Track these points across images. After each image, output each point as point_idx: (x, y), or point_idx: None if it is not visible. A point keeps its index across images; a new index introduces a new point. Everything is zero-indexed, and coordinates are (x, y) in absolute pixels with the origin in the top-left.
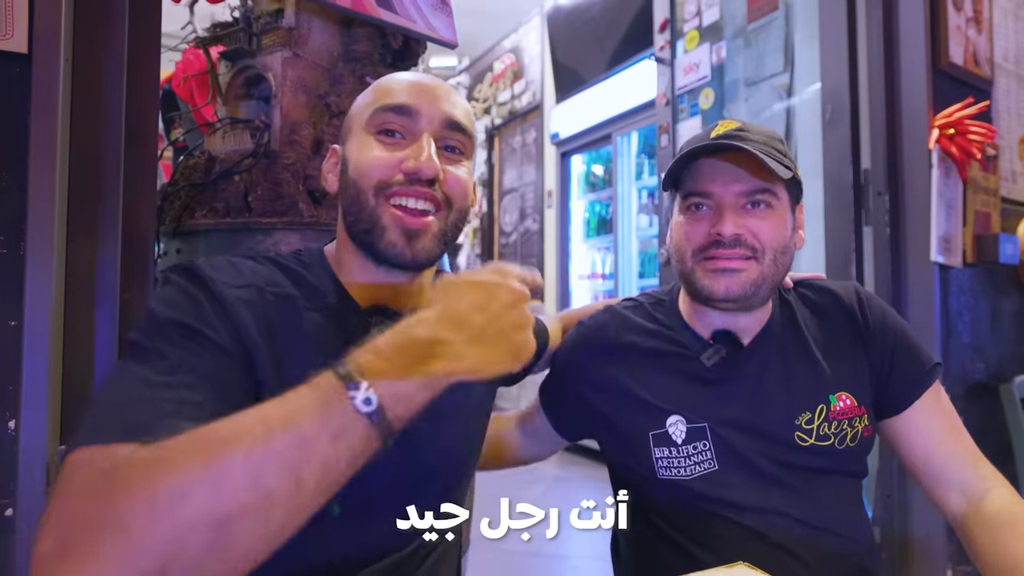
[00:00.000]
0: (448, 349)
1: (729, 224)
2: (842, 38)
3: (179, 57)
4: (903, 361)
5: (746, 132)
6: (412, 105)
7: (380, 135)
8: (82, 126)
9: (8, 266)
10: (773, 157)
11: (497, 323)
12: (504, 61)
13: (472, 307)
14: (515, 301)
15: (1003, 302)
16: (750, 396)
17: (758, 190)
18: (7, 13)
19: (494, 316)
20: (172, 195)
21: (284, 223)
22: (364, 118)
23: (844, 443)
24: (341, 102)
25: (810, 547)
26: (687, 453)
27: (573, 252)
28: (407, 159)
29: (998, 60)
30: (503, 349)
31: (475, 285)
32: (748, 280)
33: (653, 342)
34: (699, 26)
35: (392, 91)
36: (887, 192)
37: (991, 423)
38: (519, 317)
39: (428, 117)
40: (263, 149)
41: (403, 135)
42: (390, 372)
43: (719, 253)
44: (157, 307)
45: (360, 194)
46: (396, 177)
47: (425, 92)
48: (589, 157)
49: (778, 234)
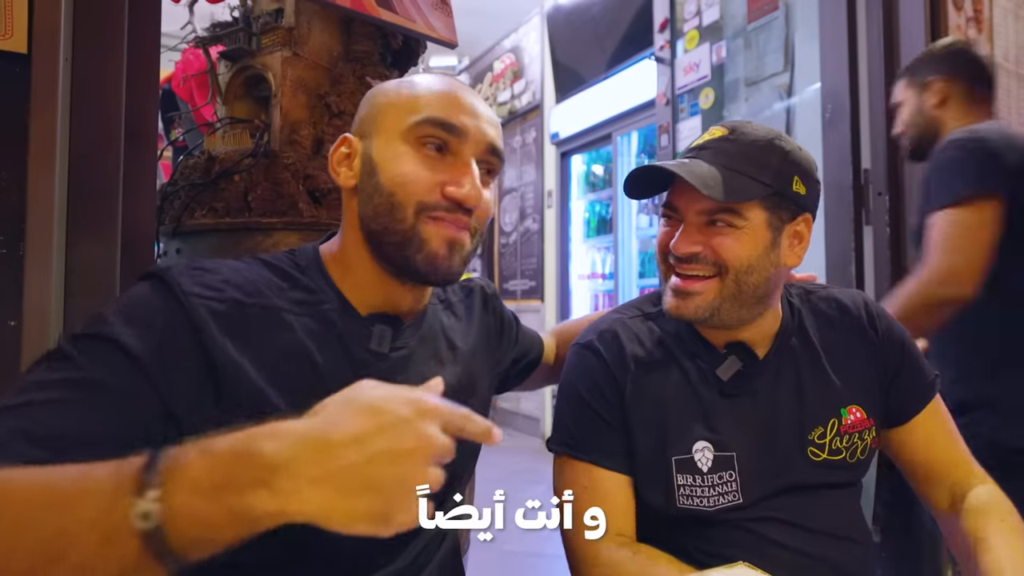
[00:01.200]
0: (289, 483)
1: (682, 241)
2: (842, 38)
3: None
4: (909, 373)
5: (727, 143)
6: (463, 126)
7: (423, 148)
8: (82, 126)
9: (8, 266)
10: (745, 173)
11: (373, 469)
12: (504, 61)
13: (349, 436)
14: (416, 450)
15: None
16: (765, 410)
17: (719, 210)
18: (7, 13)
19: (373, 458)
20: (172, 195)
21: (284, 223)
22: (404, 124)
23: (855, 456)
24: (341, 102)
25: (816, 552)
26: (712, 483)
27: (573, 252)
28: (452, 184)
29: (998, 60)
30: (367, 505)
31: (370, 408)
32: (703, 304)
33: (666, 355)
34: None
35: (441, 103)
36: (887, 192)
37: None
38: (411, 472)
39: (475, 140)
40: (263, 149)
41: (446, 151)
42: (201, 488)
43: (681, 269)
44: (108, 314)
45: (395, 209)
46: (437, 199)
47: (475, 113)
48: (589, 157)
49: (741, 253)
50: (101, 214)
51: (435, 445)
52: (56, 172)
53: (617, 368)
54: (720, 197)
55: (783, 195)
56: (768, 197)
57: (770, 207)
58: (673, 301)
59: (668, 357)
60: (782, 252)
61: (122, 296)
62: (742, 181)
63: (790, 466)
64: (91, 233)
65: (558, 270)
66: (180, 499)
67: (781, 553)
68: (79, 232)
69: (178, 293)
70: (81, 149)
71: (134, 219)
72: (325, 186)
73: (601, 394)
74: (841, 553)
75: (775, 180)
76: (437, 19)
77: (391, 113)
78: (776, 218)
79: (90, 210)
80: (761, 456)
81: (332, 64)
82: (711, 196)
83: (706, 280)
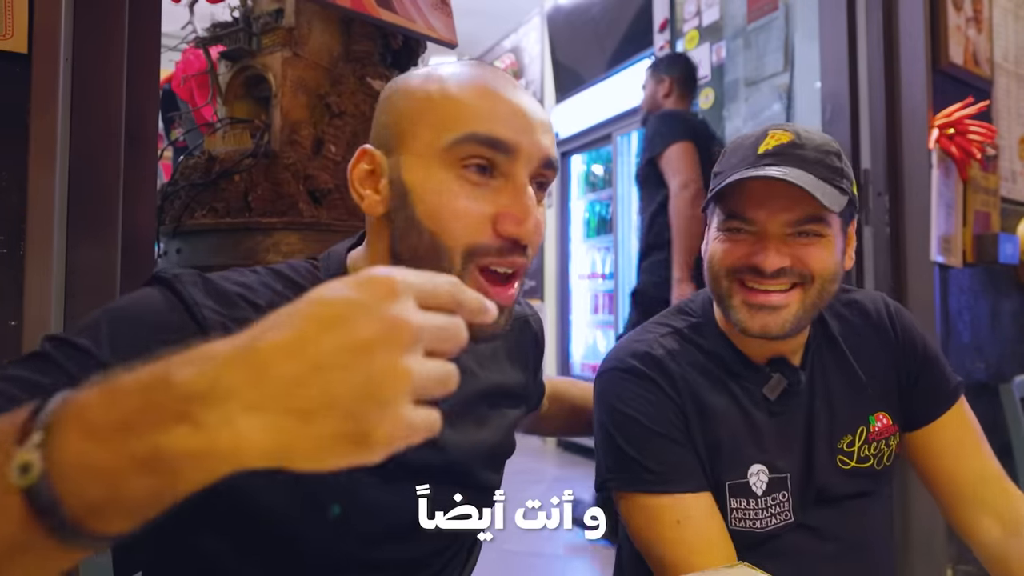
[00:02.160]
0: (215, 414)
1: (773, 257)
2: (842, 38)
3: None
4: (930, 375)
5: (800, 150)
6: (514, 142)
7: (467, 171)
8: (82, 126)
9: (8, 266)
10: (830, 181)
11: (325, 377)
12: (504, 61)
13: (286, 341)
14: (379, 339)
15: (1003, 302)
16: (804, 423)
17: (809, 219)
18: (7, 13)
19: (321, 362)
20: (172, 195)
21: (284, 223)
22: (440, 143)
23: (882, 463)
24: (341, 102)
25: (846, 559)
26: (765, 505)
27: (573, 252)
28: (506, 218)
29: (998, 60)
30: (331, 426)
31: (311, 302)
32: (789, 316)
33: (710, 375)
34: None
35: (483, 111)
36: (887, 192)
37: (991, 423)
38: (379, 370)
39: (528, 156)
40: (263, 149)
41: (493, 173)
42: (97, 430)
43: (759, 283)
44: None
45: (440, 254)
46: (489, 239)
47: (525, 118)
48: (589, 157)
49: (829, 262)
50: (101, 214)
51: (408, 327)
52: (56, 172)
53: (670, 387)
54: (834, 206)
55: (851, 201)
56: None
57: (842, 213)
58: (758, 318)
59: (712, 377)
60: (846, 258)
61: (123, 298)
62: (828, 188)
63: (823, 476)
64: (91, 233)
65: (558, 270)
66: (69, 445)
67: (813, 563)
68: (79, 232)
69: (190, 304)
70: (81, 149)
71: (134, 219)
72: (325, 186)
73: (664, 416)
74: (869, 560)
75: (848, 185)
76: (437, 19)
77: (422, 125)
78: (844, 222)
79: (90, 210)
80: (806, 470)
81: (332, 64)
82: (826, 203)
83: (787, 292)
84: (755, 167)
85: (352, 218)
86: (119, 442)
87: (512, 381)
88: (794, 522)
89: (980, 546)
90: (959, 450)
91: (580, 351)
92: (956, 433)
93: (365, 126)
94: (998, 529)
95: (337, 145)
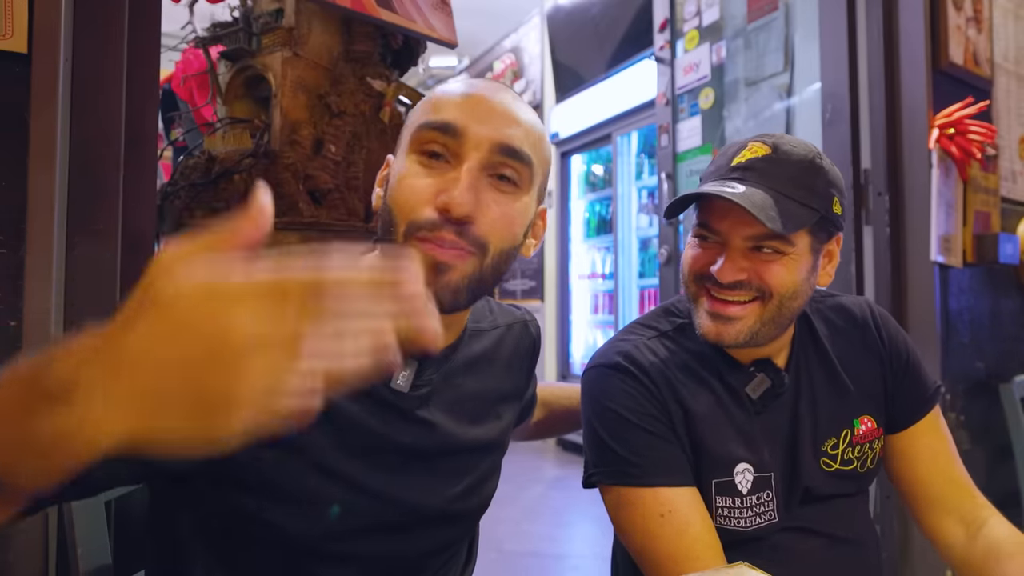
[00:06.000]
0: (77, 403)
1: (728, 269)
2: (842, 38)
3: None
4: (912, 380)
5: (774, 166)
6: (458, 124)
7: (422, 156)
8: (82, 126)
9: (8, 266)
10: (799, 199)
11: (185, 372)
12: (504, 61)
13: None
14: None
15: (1003, 302)
16: (789, 424)
17: (767, 236)
18: (7, 13)
19: (181, 357)
20: (172, 195)
21: (284, 223)
22: (409, 133)
23: (866, 466)
24: (341, 102)
25: (833, 556)
26: (750, 504)
27: (573, 252)
28: (440, 192)
29: (998, 60)
30: (183, 420)
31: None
32: (744, 328)
33: (693, 375)
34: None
35: (441, 104)
36: (887, 192)
37: (991, 423)
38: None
39: (476, 140)
40: (263, 149)
41: (448, 159)
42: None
43: (719, 292)
44: None
45: (391, 229)
46: (429, 216)
47: (478, 108)
48: (589, 157)
49: (788, 280)
50: (101, 214)
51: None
52: (56, 172)
53: (653, 384)
54: (780, 228)
55: (826, 218)
56: (815, 222)
57: (814, 231)
58: (712, 326)
59: (695, 377)
60: (816, 276)
61: None
62: (793, 207)
63: (807, 476)
64: (91, 233)
65: (558, 270)
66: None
67: (801, 560)
68: (79, 232)
69: None
70: (81, 149)
71: (134, 219)
72: (325, 186)
73: (646, 411)
74: (856, 556)
75: (821, 204)
76: (437, 19)
77: (407, 125)
78: (817, 241)
79: (90, 210)
80: (790, 470)
81: (332, 64)
82: (771, 227)
83: (746, 304)
84: (721, 181)
85: (352, 218)
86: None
87: (509, 387)
88: (778, 522)
89: (945, 548)
90: (934, 454)
91: (580, 351)
92: (932, 437)
93: (365, 126)
94: (962, 532)
95: (337, 145)
